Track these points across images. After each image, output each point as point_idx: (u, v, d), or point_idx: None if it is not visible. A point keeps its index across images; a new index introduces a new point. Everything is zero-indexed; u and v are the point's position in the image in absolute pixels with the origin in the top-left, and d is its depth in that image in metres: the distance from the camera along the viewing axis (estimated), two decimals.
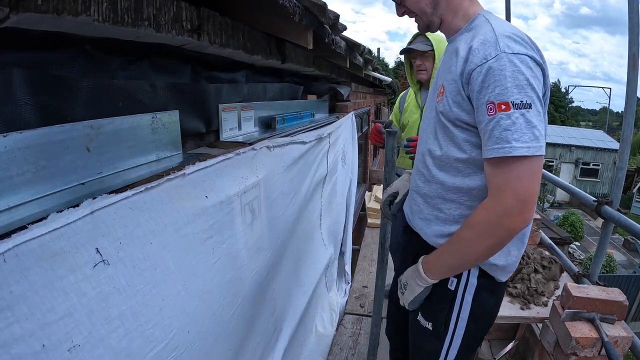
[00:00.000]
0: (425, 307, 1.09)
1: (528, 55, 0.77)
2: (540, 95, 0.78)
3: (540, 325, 1.50)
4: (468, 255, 0.89)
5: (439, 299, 1.04)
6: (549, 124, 0.95)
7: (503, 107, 0.75)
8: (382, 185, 3.12)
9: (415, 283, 1.00)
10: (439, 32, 1.02)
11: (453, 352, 1.06)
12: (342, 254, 2.72)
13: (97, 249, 0.53)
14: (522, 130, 0.74)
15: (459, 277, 1.01)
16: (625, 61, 1.49)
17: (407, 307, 1.06)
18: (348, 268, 2.87)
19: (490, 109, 0.77)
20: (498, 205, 0.79)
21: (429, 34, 1.79)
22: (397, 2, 0.99)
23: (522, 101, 0.74)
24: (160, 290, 0.63)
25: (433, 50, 1.80)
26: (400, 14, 1.01)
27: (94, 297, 0.51)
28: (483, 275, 1.00)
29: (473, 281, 1.00)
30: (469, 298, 1.01)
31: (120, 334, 0.54)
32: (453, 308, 1.03)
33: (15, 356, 0.41)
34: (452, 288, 1.02)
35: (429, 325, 1.08)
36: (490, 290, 1.02)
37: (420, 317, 1.10)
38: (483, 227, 0.82)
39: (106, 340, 0.51)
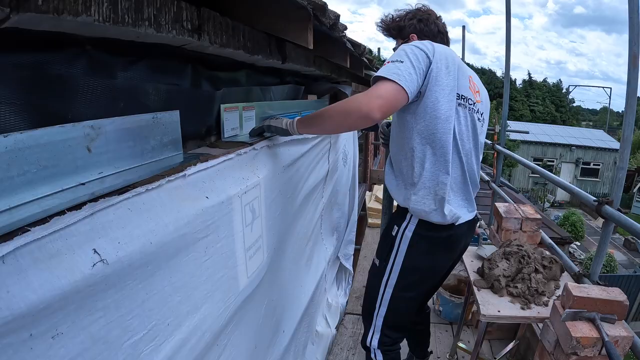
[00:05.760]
0: (379, 246, 1.42)
1: (416, 46, 1.13)
2: (413, 61, 1.09)
3: (540, 325, 1.50)
4: (323, 117, 1.09)
5: (386, 240, 1.36)
6: (549, 123, 1.01)
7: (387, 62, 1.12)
8: (382, 185, 3.11)
9: (285, 124, 1.15)
10: None
11: (389, 290, 1.34)
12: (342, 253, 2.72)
13: (94, 249, 0.53)
14: (388, 68, 1.08)
15: (399, 226, 1.30)
16: (623, 60, 1.51)
17: (261, 126, 1.19)
18: (349, 267, 2.87)
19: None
20: (363, 101, 1.03)
21: None
22: (392, 37, 1.41)
23: (396, 59, 1.10)
24: (145, 285, 0.64)
25: None
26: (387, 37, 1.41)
27: (87, 293, 0.53)
28: (417, 232, 1.26)
29: (408, 234, 1.28)
30: (403, 247, 1.29)
31: (101, 324, 0.56)
32: (392, 251, 1.32)
33: (5, 345, 0.44)
34: (394, 234, 1.31)
35: (377, 262, 1.38)
36: (423, 249, 1.29)
37: (375, 256, 1.42)
38: (345, 106, 1.05)
39: (87, 329, 0.54)
